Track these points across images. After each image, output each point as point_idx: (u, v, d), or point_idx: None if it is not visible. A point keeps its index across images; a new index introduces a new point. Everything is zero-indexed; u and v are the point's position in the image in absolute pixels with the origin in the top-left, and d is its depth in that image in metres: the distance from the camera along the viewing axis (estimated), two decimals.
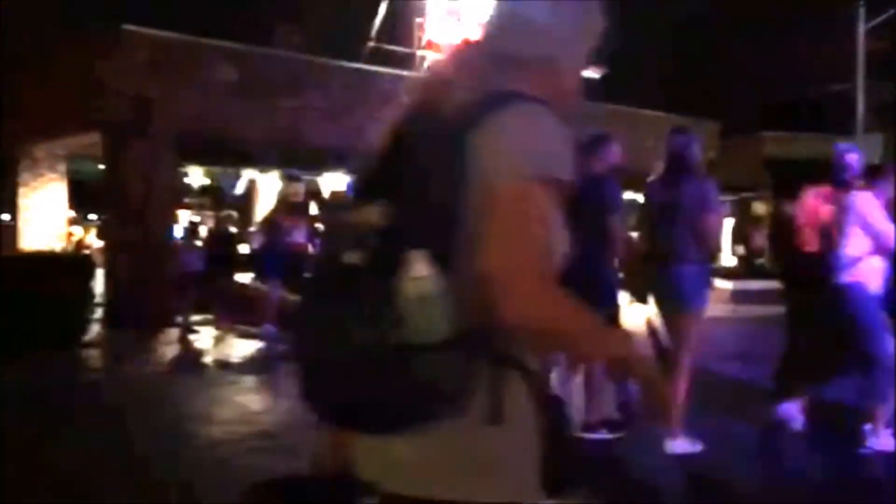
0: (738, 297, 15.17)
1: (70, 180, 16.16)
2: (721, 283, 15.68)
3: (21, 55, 15.58)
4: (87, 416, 6.43)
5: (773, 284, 14.78)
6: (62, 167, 15.83)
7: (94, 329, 10.75)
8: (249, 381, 8.11)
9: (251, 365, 9.00)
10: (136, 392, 7.56)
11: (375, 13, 18.17)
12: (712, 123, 20.91)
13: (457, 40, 15.15)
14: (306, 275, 10.95)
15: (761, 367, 7.67)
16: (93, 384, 7.99)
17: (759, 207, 18.90)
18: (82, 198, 19.92)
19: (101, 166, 13.70)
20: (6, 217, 16.47)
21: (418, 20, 18.15)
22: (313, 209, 15.57)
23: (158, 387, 7.93)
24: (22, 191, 15.59)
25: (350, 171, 11.19)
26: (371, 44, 18.01)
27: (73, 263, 10.90)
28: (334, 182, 14.86)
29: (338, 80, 14.68)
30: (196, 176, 14.93)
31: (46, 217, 15.66)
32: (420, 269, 1.19)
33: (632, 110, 19.70)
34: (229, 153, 13.61)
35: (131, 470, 4.95)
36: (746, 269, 17.46)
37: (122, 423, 6.12)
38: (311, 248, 13.40)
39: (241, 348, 10.14)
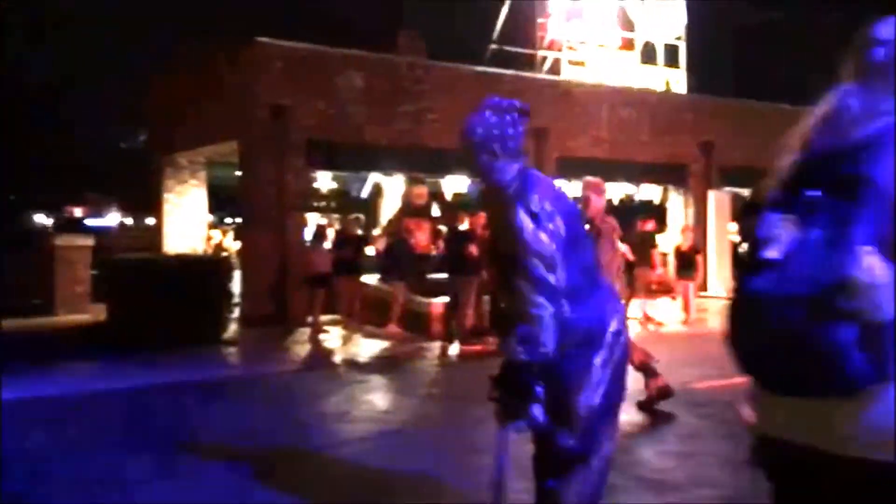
0: None
1: (209, 186, 17.04)
2: None
3: (165, 68, 16.60)
4: (225, 410, 6.77)
5: None
6: (202, 174, 16.71)
7: (232, 327, 11.28)
8: (377, 379, 8.31)
9: (378, 364, 9.22)
10: (270, 388, 7.90)
11: (497, 16, 18.23)
12: None
13: (579, 39, 14.96)
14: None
15: None
16: (231, 380, 8.40)
17: None
18: (220, 202, 20.99)
19: (238, 172, 14.38)
20: (151, 221, 17.54)
21: (540, 20, 18.08)
22: (436, 211, 15.81)
23: (291, 384, 8.26)
24: (166, 196, 16.59)
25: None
26: (493, 46, 18.08)
27: (213, 265, 11.48)
28: (456, 185, 15.02)
29: (460, 83, 14.81)
30: (324, 180, 15.44)
31: (188, 221, 16.59)
32: (869, 261, 1.41)
33: (768, 105, 18.89)
34: (355, 158, 14.00)
35: (264, 463, 5.18)
36: None
37: (258, 418, 6.41)
38: (433, 250, 13.61)
39: (369, 348, 10.41)
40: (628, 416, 6.21)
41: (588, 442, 2.83)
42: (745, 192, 19.25)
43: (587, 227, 6.32)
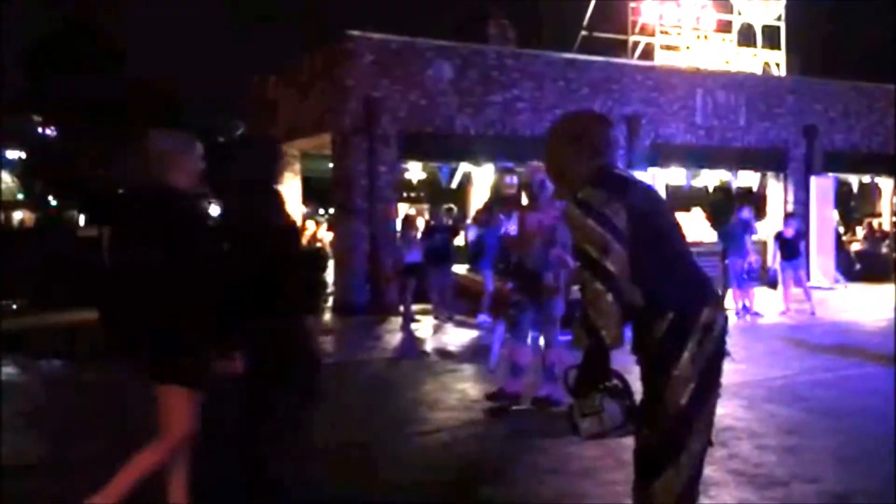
0: None
1: (303, 178, 17.43)
2: None
3: (266, 65, 17.07)
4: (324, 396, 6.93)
5: None
6: (297, 165, 17.12)
7: (326, 316, 11.54)
8: (468, 368, 8.35)
9: (469, 353, 9.27)
10: (365, 376, 8.05)
11: (588, 1, 17.96)
12: None
13: (672, 23, 14.62)
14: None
15: None
16: (328, 368, 8.59)
17: None
18: (314, 194, 21.46)
19: (331, 164, 14.67)
20: None
21: (632, 5, 17.72)
22: (525, 200, 15.72)
23: (384, 372, 8.40)
24: None
25: None
26: (583, 32, 17.83)
27: (309, 256, 11.75)
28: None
29: (549, 70, 14.70)
30: (414, 170, 15.58)
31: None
32: None
33: (873, 86, 18.04)
34: (445, 148, 14.08)
35: (359, 449, 5.29)
36: None
37: (352, 405, 6.54)
38: None
39: (459, 337, 10.47)
40: (726, 409, 6.06)
41: (675, 441, 2.74)
42: (851, 177, 18.46)
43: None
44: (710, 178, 17.09)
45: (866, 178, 18.87)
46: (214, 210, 12.22)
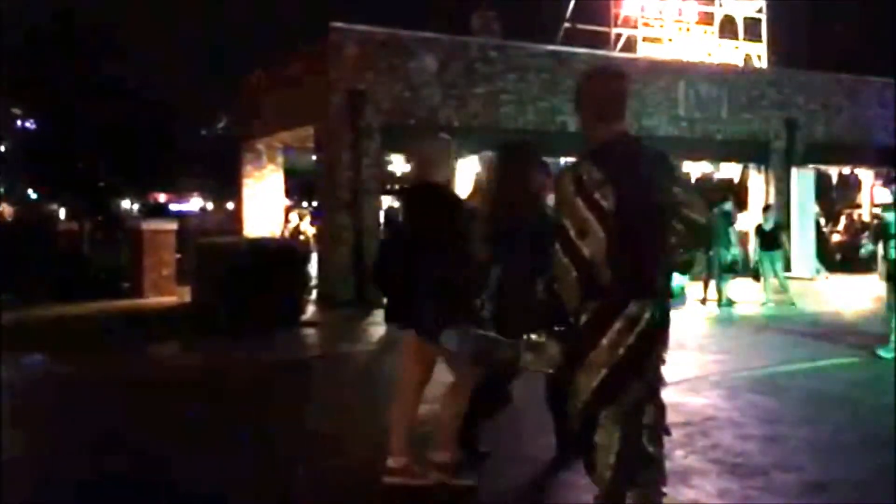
0: None
1: (286, 171, 17.38)
2: None
3: (248, 58, 16.97)
4: (304, 389, 6.93)
5: None
6: (279, 159, 17.06)
7: (311, 309, 11.51)
8: None
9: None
10: (348, 368, 8.05)
11: None
12: None
13: (654, 15, 14.65)
14: None
15: None
16: (310, 361, 8.60)
17: None
18: (296, 187, 21.39)
19: (314, 157, 14.63)
20: (230, 206, 18.01)
21: None
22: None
23: (368, 364, 8.41)
24: (244, 181, 17.00)
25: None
26: (566, 24, 17.84)
27: (292, 248, 11.72)
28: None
29: (533, 62, 14.70)
30: (399, 163, 15.55)
31: (265, 205, 16.98)
32: None
33: (855, 78, 18.17)
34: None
35: (345, 440, 5.31)
36: None
37: (337, 397, 6.54)
38: None
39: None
40: (707, 399, 6.13)
41: (587, 422, 2.86)
42: (832, 169, 18.61)
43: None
44: (692, 170, 17.19)
45: (846, 170, 19.03)
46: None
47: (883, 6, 24.10)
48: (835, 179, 19.43)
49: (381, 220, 13.06)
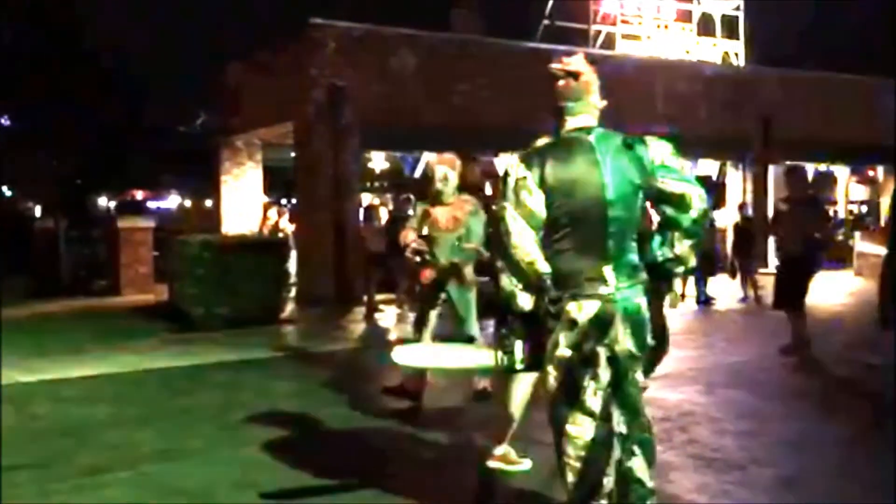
0: None
1: (265, 167, 17.29)
2: None
3: (225, 54, 16.85)
4: (282, 387, 6.89)
5: None
6: (258, 155, 16.96)
7: (290, 307, 11.46)
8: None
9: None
10: (326, 366, 8.01)
11: None
12: None
13: (633, 13, 14.73)
14: None
15: None
16: (288, 358, 8.55)
17: None
18: (277, 183, 21.28)
19: (293, 154, 14.55)
20: (209, 203, 17.89)
21: None
22: (489, 190, 15.76)
23: (348, 361, 8.39)
24: (223, 178, 16.89)
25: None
26: (545, 22, 17.87)
27: (270, 245, 11.66)
28: (509, 162, 14.94)
29: (512, 60, 14.71)
30: (378, 160, 15.52)
31: (244, 202, 16.88)
32: None
33: (830, 75, 18.34)
34: (410, 137, 14.04)
35: (322, 438, 5.29)
36: None
37: (314, 395, 6.51)
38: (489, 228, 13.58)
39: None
40: (684, 394, 6.17)
41: (551, 421, 2.88)
42: (808, 165, 18.77)
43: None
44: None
45: (822, 167, 19.23)
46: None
47: (859, 5, 24.36)
48: (811, 176, 19.62)
49: (362, 217, 12.99)
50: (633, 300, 2.87)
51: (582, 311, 2.80)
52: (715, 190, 16.34)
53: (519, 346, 2.92)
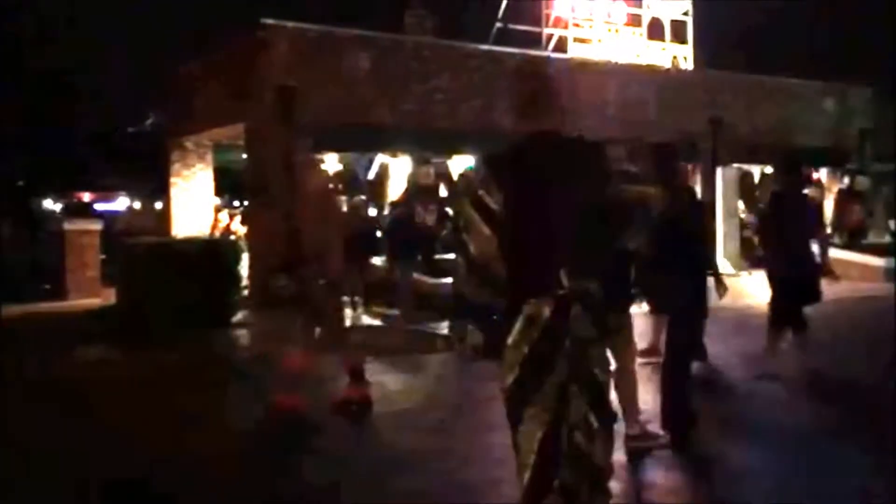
0: (892, 274, 14.21)
1: (216, 169, 17.05)
2: (874, 260, 14.76)
3: (172, 53, 16.58)
4: (233, 391, 6.81)
5: None
6: (209, 157, 16.71)
7: (241, 310, 11.31)
8: (387, 361, 8.34)
9: (387, 345, 9.24)
10: (278, 370, 7.92)
11: None
12: (865, 88, 19.64)
13: (584, 16, 14.89)
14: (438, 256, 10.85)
15: None
16: (240, 362, 8.45)
17: None
18: (228, 185, 20.97)
19: (245, 155, 14.37)
20: (159, 205, 17.58)
21: None
22: (443, 192, 15.79)
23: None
24: (173, 180, 16.61)
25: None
26: (498, 24, 17.94)
27: (221, 248, 11.51)
28: (463, 164, 14.97)
29: (466, 63, 14.75)
30: (331, 162, 15.39)
31: (195, 204, 16.61)
32: None
33: (776, 79, 18.75)
34: (362, 139, 13.97)
35: (272, 443, 5.23)
36: None
37: (266, 399, 6.43)
38: (442, 230, 13.60)
39: (377, 330, 10.42)
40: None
41: (511, 422, 2.91)
42: (755, 168, 19.19)
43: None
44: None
45: (768, 169, 19.63)
46: None
47: (805, 9, 24.96)
48: (757, 178, 20.04)
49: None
50: (591, 291, 2.91)
51: (539, 308, 2.82)
52: None
53: (474, 334, 2.96)
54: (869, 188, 17.62)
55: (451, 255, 11.08)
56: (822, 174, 19.61)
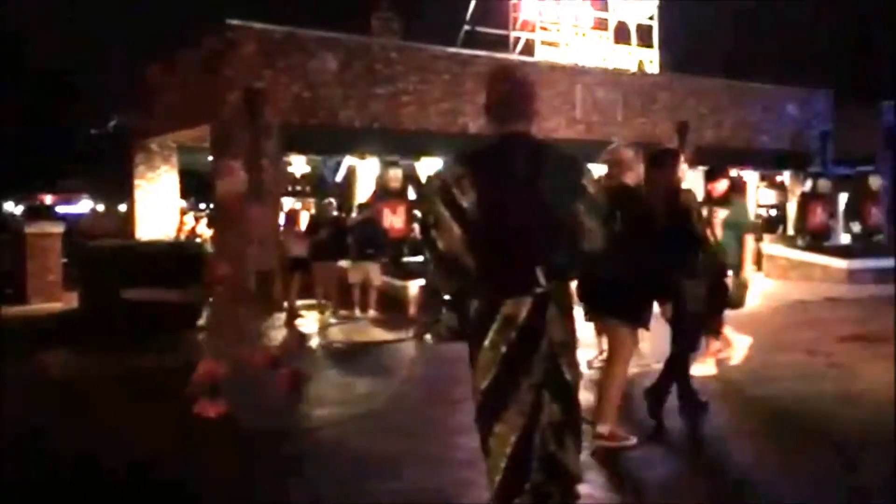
0: (854, 276, 14.48)
1: (181, 171, 16.85)
2: (835, 262, 15.00)
3: (137, 53, 16.37)
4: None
5: (892, 262, 14.06)
6: (174, 159, 16.52)
7: (207, 313, 11.17)
8: (354, 363, 8.30)
9: (356, 347, 9.21)
10: (246, 373, 7.84)
11: None
12: (826, 92, 19.96)
13: (552, 20, 14.97)
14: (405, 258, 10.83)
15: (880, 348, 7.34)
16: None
17: (876, 182, 17.89)
18: (193, 188, 20.76)
19: (210, 157, 14.22)
20: (123, 207, 17.32)
21: (513, 1, 17.99)
22: (411, 194, 15.76)
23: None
24: (137, 182, 16.38)
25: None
26: (466, 28, 17.97)
27: (186, 251, 11.35)
28: (431, 167, 14.95)
29: (434, 65, 14.74)
30: (298, 164, 15.30)
31: (160, 207, 16.40)
32: None
33: (740, 84, 19.01)
34: (330, 141, 13.90)
35: (245, 445, 5.17)
36: (863, 246, 16.64)
37: (235, 402, 6.36)
38: (410, 233, 13.56)
39: (345, 331, 10.37)
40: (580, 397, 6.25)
41: (482, 425, 2.90)
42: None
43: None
44: (592, 173, 17.59)
45: (733, 172, 19.88)
46: None
47: (770, 15, 25.35)
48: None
49: (283, 222, 12.76)
50: (563, 294, 2.94)
51: (517, 308, 2.82)
52: None
53: (448, 317, 2.99)
54: (830, 191, 17.91)
55: (419, 258, 11.11)
56: (785, 177, 19.91)
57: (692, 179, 6.28)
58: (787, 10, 25.40)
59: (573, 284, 4.27)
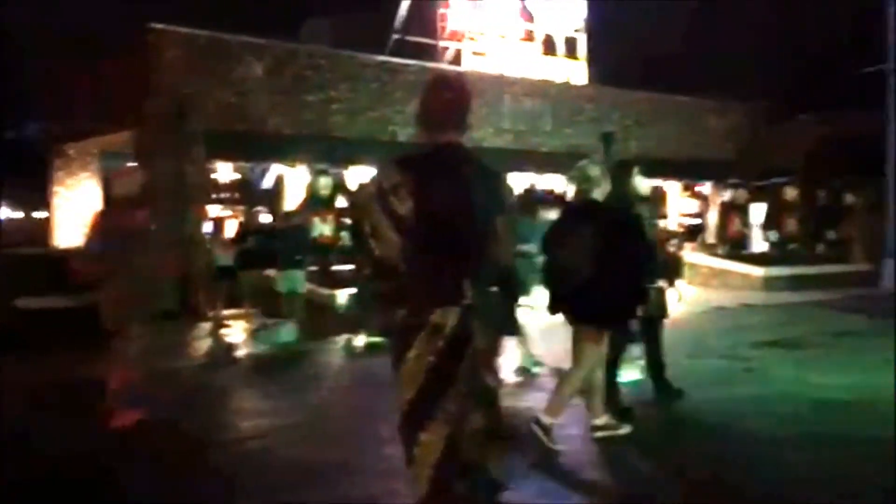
0: (770, 283, 15.00)
1: (104, 178, 16.38)
2: (753, 270, 15.53)
3: (56, 56, 15.88)
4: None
5: (806, 270, 14.64)
6: (95, 165, 16.06)
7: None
8: (280, 373, 8.20)
9: (283, 357, 9.10)
10: (170, 384, 7.68)
11: (399, 5, 18.17)
12: (751, 105, 20.68)
13: (480, 30, 15.10)
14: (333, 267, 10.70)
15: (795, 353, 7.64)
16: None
17: (791, 192, 18.62)
18: None
19: (133, 164, 13.86)
20: (42, 214, 16.75)
21: (441, 11, 18.12)
22: (340, 202, 15.65)
23: (193, 379, 8.06)
24: (56, 189, 15.87)
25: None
26: (395, 36, 18.02)
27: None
28: (361, 175, 14.90)
29: (364, 73, 14.73)
30: (225, 171, 15.05)
31: (79, 214, 15.91)
32: None
33: (664, 96, 19.55)
34: (258, 148, 13.73)
35: (165, 458, 5.06)
36: (779, 254, 17.27)
37: (157, 414, 6.22)
38: (339, 241, 13.46)
39: (271, 341, 10.22)
40: (529, 402, 6.34)
41: (407, 435, 2.91)
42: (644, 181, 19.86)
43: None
44: (517, 181, 17.81)
45: (657, 182, 20.40)
46: None
47: (695, 29, 26.08)
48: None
49: (208, 229, 12.53)
50: (489, 304, 2.97)
51: (445, 318, 2.84)
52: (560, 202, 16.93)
53: (377, 321, 3.05)
54: (745, 202, 18.50)
55: (347, 266, 11.03)
56: (706, 187, 20.53)
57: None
58: (716, 22, 26.19)
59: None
